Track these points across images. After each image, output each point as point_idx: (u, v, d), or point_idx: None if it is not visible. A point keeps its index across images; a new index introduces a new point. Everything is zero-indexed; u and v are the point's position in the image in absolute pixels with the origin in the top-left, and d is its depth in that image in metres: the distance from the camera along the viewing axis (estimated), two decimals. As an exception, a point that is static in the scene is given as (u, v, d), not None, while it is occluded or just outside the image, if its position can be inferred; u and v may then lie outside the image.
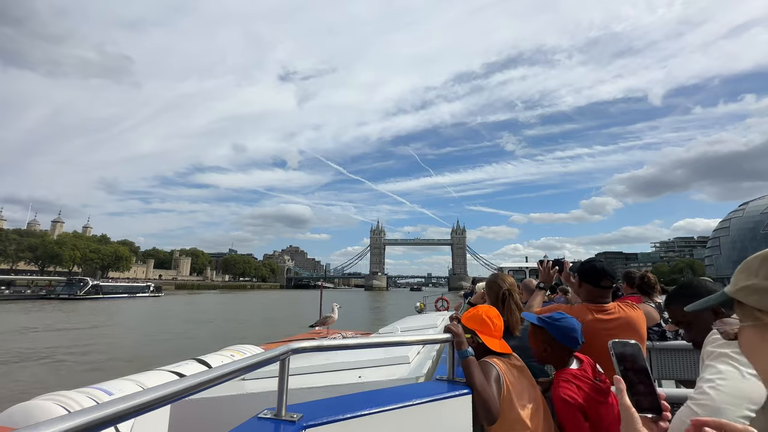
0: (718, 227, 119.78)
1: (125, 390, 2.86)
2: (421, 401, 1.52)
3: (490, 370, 1.71)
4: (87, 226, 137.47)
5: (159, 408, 0.81)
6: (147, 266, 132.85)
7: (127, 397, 0.73)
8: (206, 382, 0.96)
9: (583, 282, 2.33)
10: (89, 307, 40.66)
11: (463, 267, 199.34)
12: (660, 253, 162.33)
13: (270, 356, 1.26)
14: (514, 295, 2.34)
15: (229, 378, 1.05)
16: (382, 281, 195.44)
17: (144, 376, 3.40)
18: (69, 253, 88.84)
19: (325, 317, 7.60)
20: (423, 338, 2.11)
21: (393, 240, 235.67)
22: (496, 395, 1.64)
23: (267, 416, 1.27)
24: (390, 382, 2.22)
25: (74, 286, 58.11)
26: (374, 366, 2.60)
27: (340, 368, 2.65)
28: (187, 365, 3.95)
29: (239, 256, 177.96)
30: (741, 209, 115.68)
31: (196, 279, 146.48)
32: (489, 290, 2.50)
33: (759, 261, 0.60)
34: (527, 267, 14.61)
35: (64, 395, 2.65)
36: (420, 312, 13.77)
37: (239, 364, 1.12)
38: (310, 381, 2.40)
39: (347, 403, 1.41)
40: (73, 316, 32.12)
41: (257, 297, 77.33)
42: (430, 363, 2.63)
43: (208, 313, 38.29)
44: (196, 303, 53.18)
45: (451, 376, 1.81)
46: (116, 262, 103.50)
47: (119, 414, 0.69)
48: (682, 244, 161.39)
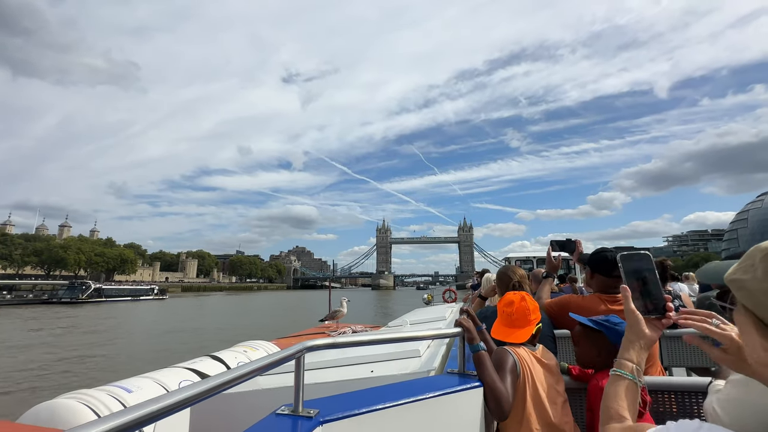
0: (735, 219, 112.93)
1: (144, 387, 2.94)
2: (433, 395, 1.53)
3: (506, 359, 1.69)
4: (94, 230, 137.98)
5: (184, 409, 0.84)
6: (153, 269, 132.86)
7: (154, 400, 0.75)
8: (228, 382, 0.99)
9: (594, 273, 2.33)
10: (89, 312, 39.83)
11: (470, 264, 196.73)
12: (673, 247, 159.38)
13: (286, 355, 1.27)
14: (524, 286, 2.38)
15: (249, 377, 1.09)
16: (389, 280, 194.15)
17: (161, 373, 3.34)
18: (74, 256, 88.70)
19: (334, 311, 7.74)
20: (434, 333, 2.17)
21: (399, 239, 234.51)
22: (510, 386, 1.61)
23: (285, 412, 1.28)
24: (402, 376, 2.20)
25: (76, 290, 57.49)
26: (386, 360, 2.57)
27: (353, 363, 2.60)
28: (202, 362, 3.85)
29: (245, 257, 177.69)
30: (759, 200, 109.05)
31: (202, 281, 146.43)
32: (500, 282, 2.56)
33: (760, 257, 0.57)
34: (534, 256, 13.94)
35: (86, 393, 2.67)
36: (428, 304, 13.67)
37: (258, 363, 1.14)
38: (323, 376, 2.39)
39: (361, 398, 1.43)
40: (64, 320, 30.98)
41: (264, 298, 76.77)
42: (440, 356, 2.60)
43: (202, 318, 36.86)
44: (201, 306, 52.35)
45: (462, 369, 1.80)
46: (122, 265, 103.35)
47: (148, 417, 0.71)
48: (695, 238, 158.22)
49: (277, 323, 25.85)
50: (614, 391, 0.93)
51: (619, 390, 0.92)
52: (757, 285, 0.56)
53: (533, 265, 13.14)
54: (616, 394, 0.92)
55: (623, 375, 0.94)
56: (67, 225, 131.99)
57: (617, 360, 0.99)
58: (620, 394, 0.92)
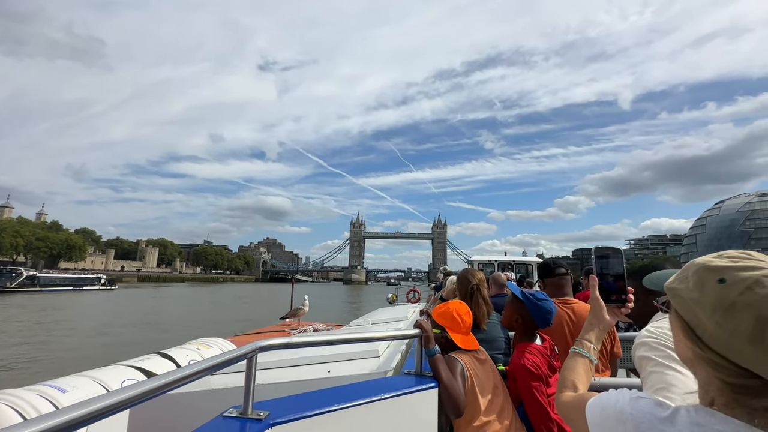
0: (694, 225, 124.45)
1: (80, 387, 2.59)
2: (388, 396, 1.54)
3: (455, 365, 1.83)
4: (41, 212, 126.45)
5: (123, 411, 0.77)
6: (107, 257, 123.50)
7: (89, 401, 0.70)
8: (173, 383, 0.93)
9: (543, 279, 2.66)
10: (18, 302, 35.09)
11: (443, 261, 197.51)
12: (635, 251, 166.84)
13: (237, 355, 1.23)
14: (482, 290, 2.45)
15: (195, 378, 1.02)
16: (362, 275, 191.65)
17: (102, 372, 3.00)
18: (9, 240, 79.88)
19: (296, 309, 7.76)
20: (392, 334, 2.15)
21: (373, 233, 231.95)
22: (461, 389, 1.76)
23: (233, 414, 1.25)
24: (359, 376, 2.18)
25: (3, 277, 50.32)
26: (344, 360, 2.49)
27: (309, 362, 2.49)
28: (149, 360, 3.50)
29: (211, 247, 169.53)
30: (717, 207, 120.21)
31: (162, 271, 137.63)
32: (460, 285, 2.64)
33: (693, 270, 0.65)
34: (496, 260, 14.60)
35: (12, 394, 2.29)
36: (392, 303, 13.82)
37: (205, 363, 1.09)
38: (278, 376, 2.30)
39: (315, 399, 1.41)
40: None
41: (229, 290, 72.45)
42: (399, 356, 2.59)
43: (156, 312, 33.09)
44: (158, 297, 47.89)
45: (418, 370, 1.84)
46: (68, 251, 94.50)
47: (77, 420, 0.65)
48: (655, 242, 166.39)
49: (241, 317, 24.30)
50: (573, 365, 1.07)
51: (577, 365, 1.06)
52: (688, 294, 0.63)
53: (494, 268, 13.74)
54: (573, 368, 1.06)
55: (581, 353, 1.08)
56: (8, 206, 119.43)
57: (578, 339, 1.12)
58: (577, 369, 1.05)
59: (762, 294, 0.55)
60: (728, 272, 0.60)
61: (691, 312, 0.63)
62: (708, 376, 0.61)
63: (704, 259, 0.66)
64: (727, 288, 0.58)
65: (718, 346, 0.58)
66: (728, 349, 0.57)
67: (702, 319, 0.60)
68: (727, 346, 0.57)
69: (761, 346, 0.53)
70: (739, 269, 0.59)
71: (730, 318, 0.56)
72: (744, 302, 0.56)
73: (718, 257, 0.64)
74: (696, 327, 0.62)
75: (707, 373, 0.61)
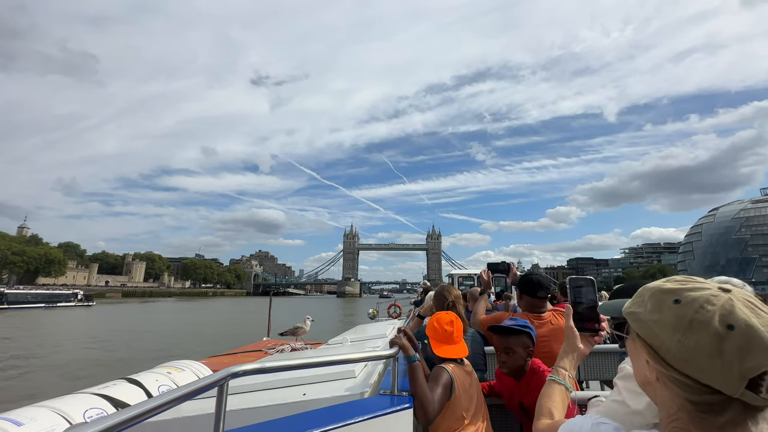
0: (690, 233, 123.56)
1: (38, 419, 2.48)
2: (363, 418, 1.54)
3: (441, 374, 1.86)
4: (23, 225, 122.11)
5: None
6: (90, 271, 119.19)
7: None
8: (137, 416, 0.89)
9: (522, 293, 2.70)
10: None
11: (438, 272, 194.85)
12: (630, 259, 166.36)
13: (207, 383, 1.20)
14: (458, 306, 2.60)
15: (163, 410, 0.99)
16: (355, 287, 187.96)
17: (63, 401, 2.83)
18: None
19: (296, 327, 7.89)
20: (367, 355, 2.17)
21: (367, 245, 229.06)
22: (439, 398, 1.78)
23: None
24: (335, 398, 2.13)
25: (-34, 294, 47.45)
26: (320, 381, 2.41)
27: (285, 385, 2.41)
28: (115, 386, 3.36)
29: (200, 260, 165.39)
30: (711, 215, 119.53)
31: (148, 286, 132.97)
32: (436, 301, 2.76)
33: (648, 294, 0.68)
34: (476, 274, 14.49)
35: None
36: (372, 318, 13.88)
37: (174, 393, 1.06)
38: (253, 399, 2.23)
39: (288, 425, 1.39)
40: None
41: (217, 305, 69.49)
42: (376, 376, 2.53)
43: (135, 329, 30.44)
44: (142, 313, 44.54)
45: (394, 390, 1.84)
46: (47, 266, 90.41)
47: None
48: (649, 251, 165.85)
49: (224, 333, 23.42)
50: (549, 392, 1.11)
51: (553, 393, 1.11)
52: (648, 316, 0.66)
53: (474, 281, 13.58)
54: (550, 396, 1.10)
55: (557, 380, 1.12)
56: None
57: (554, 367, 1.16)
58: (553, 397, 1.10)
59: (713, 311, 0.59)
60: (681, 293, 0.63)
61: (653, 334, 0.65)
62: (672, 396, 0.63)
63: (656, 283, 0.69)
64: (683, 307, 0.61)
65: (680, 365, 0.60)
66: (691, 367, 0.59)
67: (664, 340, 0.62)
68: (690, 364, 0.59)
69: (720, 361, 0.56)
70: (690, 290, 0.63)
71: (690, 335, 0.59)
72: (699, 320, 0.59)
73: (667, 281, 0.68)
74: (659, 348, 0.63)
75: (671, 392, 0.63)
